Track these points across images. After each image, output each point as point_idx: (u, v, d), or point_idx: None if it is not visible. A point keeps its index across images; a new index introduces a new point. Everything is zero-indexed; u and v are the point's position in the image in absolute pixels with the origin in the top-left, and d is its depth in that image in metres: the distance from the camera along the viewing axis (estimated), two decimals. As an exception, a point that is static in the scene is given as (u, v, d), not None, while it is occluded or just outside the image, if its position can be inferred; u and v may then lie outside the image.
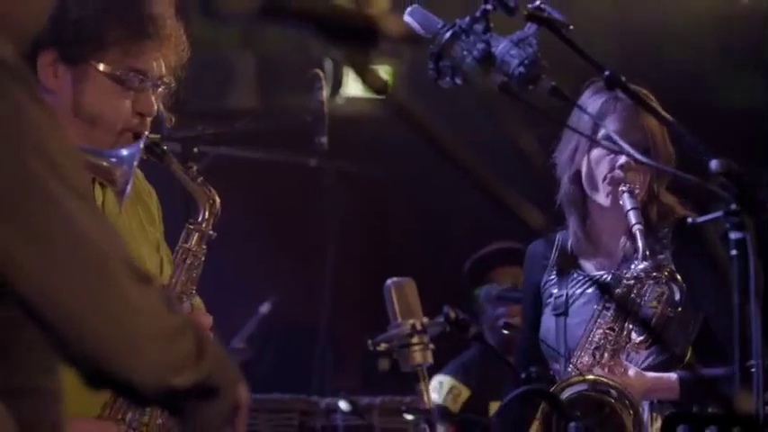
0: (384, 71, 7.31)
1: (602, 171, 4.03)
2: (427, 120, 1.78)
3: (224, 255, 3.94)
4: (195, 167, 3.46)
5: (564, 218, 4.19)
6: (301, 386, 6.80)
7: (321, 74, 5.98)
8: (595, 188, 4.05)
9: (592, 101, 3.97)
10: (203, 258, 3.39)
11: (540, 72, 3.21)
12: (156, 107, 3.29)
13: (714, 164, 3.16)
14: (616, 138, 3.77)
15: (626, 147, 3.64)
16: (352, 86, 7.80)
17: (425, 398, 3.49)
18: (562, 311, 4.10)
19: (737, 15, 7.75)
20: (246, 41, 8.66)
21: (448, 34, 3.24)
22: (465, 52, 3.22)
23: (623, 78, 3.28)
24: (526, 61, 3.19)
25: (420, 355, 3.45)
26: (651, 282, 3.89)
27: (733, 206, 3.14)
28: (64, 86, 3.22)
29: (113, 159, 3.20)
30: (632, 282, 3.87)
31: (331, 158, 6.93)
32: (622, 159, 3.98)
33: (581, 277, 4.11)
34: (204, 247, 3.40)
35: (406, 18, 3.25)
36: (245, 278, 7.68)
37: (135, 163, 3.21)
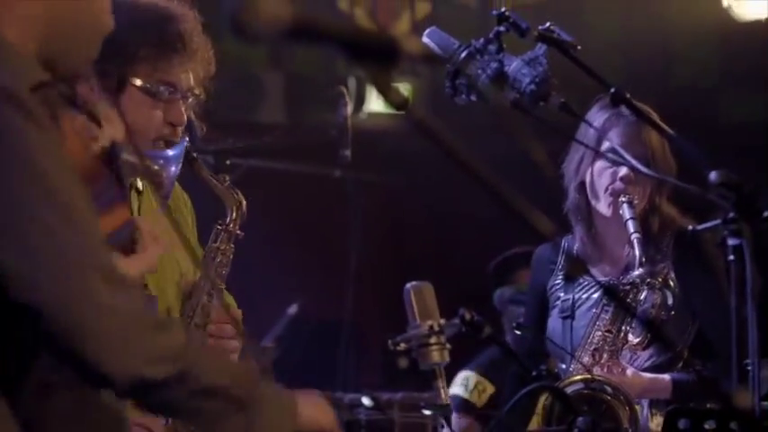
0: (404, 88, 7.32)
1: (603, 182, 4.03)
2: (444, 133, 1.79)
3: (255, 260, 3.96)
4: (226, 178, 3.47)
5: (570, 225, 4.19)
6: (326, 383, 6.79)
7: (345, 91, 6.00)
8: (598, 198, 4.05)
9: (598, 116, 3.97)
10: (231, 256, 3.40)
11: (550, 89, 3.21)
12: (185, 117, 3.29)
13: (713, 175, 3.16)
14: (620, 150, 3.79)
15: (628, 158, 3.66)
16: (375, 103, 7.81)
17: (442, 394, 3.49)
18: (569, 314, 4.10)
19: (738, 34, 7.74)
20: (275, 60, 8.67)
21: (463, 54, 3.25)
22: (480, 71, 3.23)
23: (628, 95, 3.29)
24: (537, 79, 3.20)
25: (437, 354, 3.45)
26: (646, 287, 3.90)
27: (731, 215, 3.14)
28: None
29: (161, 161, 3.21)
30: (628, 287, 3.88)
31: (354, 170, 6.93)
32: (623, 171, 3.99)
33: (586, 282, 4.11)
34: (232, 245, 3.40)
35: (425, 39, 3.26)
36: (274, 282, 7.69)
37: (179, 164, 3.22)
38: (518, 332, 4.15)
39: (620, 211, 3.94)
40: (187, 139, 3.30)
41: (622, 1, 8.73)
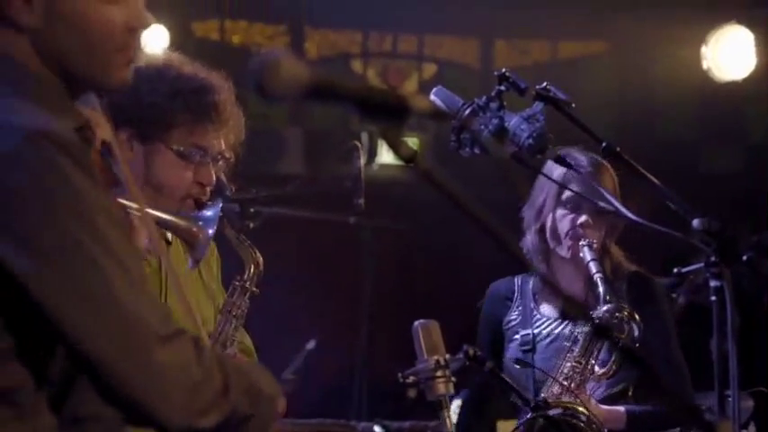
0: (413, 142, 7.32)
1: (564, 227, 4.03)
2: (450, 183, 1.78)
3: (277, 299, 3.95)
4: (251, 225, 3.46)
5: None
6: (341, 412, 6.77)
7: (359, 145, 5.99)
8: (558, 241, 4.05)
9: (555, 168, 3.95)
10: (246, 311, 3.37)
11: (547, 143, 3.21)
12: (214, 178, 3.29)
13: (696, 222, 3.15)
14: (583, 195, 3.82)
15: (597, 201, 3.68)
16: (386, 155, 7.80)
17: (447, 423, 3.47)
18: (530, 348, 4.08)
19: (717, 93, 7.74)
20: (295, 117, 8.70)
21: (467, 111, 3.25)
22: (482, 126, 3.23)
23: (618, 148, 3.28)
24: (534, 134, 3.19)
25: (443, 386, 3.43)
26: (615, 321, 3.88)
27: (712, 259, 3.13)
28: (137, 159, 3.22)
29: (200, 222, 3.20)
30: (598, 323, 3.86)
31: (367, 217, 6.92)
32: (582, 218, 4.01)
33: (544, 318, 4.11)
34: (247, 301, 3.38)
35: (432, 97, 3.26)
36: (294, 319, 7.67)
37: (215, 225, 3.21)
38: (517, 366, 4.11)
39: (581, 254, 3.95)
40: (220, 201, 3.29)
41: (613, 64, 8.76)
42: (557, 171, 3.95)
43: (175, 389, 2.09)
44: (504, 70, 3.29)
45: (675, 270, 3.91)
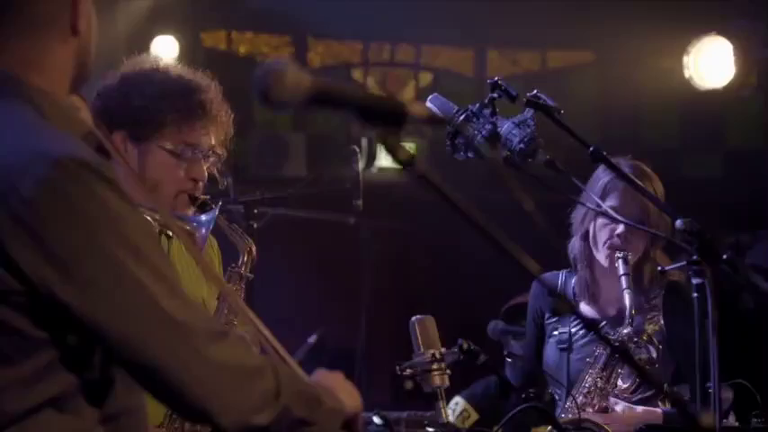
0: (409, 147, 7.32)
1: (603, 236, 4.00)
2: (445, 185, 1.77)
3: (280, 294, 3.94)
4: (255, 225, 3.46)
5: (556, 265, 4.16)
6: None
7: (358, 149, 5.99)
8: (598, 249, 4.02)
9: (604, 174, 3.93)
10: (242, 295, 3.36)
11: (537, 148, 3.20)
12: (206, 174, 3.29)
13: (679, 223, 3.15)
14: (612, 213, 3.77)
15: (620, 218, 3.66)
16: (384, 159, 7.80)
17: (443, 413, 3.46)
18: (566, 347, 4.03)
19: (697, 101, 7.73)
20: (298, 123, 8.69)
21: (461, 117, 3.24)
22: (475, 132, 3.22)
23: (604, 153, 3.28)
24: (525, 139, 3.19)
25: (439, 378, 3.42)
26: (633, 345, 3.85)
27: (695, 257, 3.13)
28: (131, 160, 3.22)
29: (194, 224, 3.20)
30: (617, 344, 3.81)
31: (366, 217, 6.91)
32: (620, 229, 3.95)
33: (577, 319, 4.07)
34: (243, 286, 3.38)
35: (428, 104, 3.25)
36: (296, 314, 7.66)
37: (211, 227, 3.21)
38: (509, 359, 4.09)
39: (616, 265, 3.90)
40: (219, 206, 3.28)
41: (598, 73, 8.75)
42: (603, 179, 3.94)
43: (231, 385, 2.07)
44: (496, 79, 3.29)
45: (660, 268, 3.89)
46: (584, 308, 4.08)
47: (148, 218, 3.04)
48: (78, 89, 2.24)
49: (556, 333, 4.08)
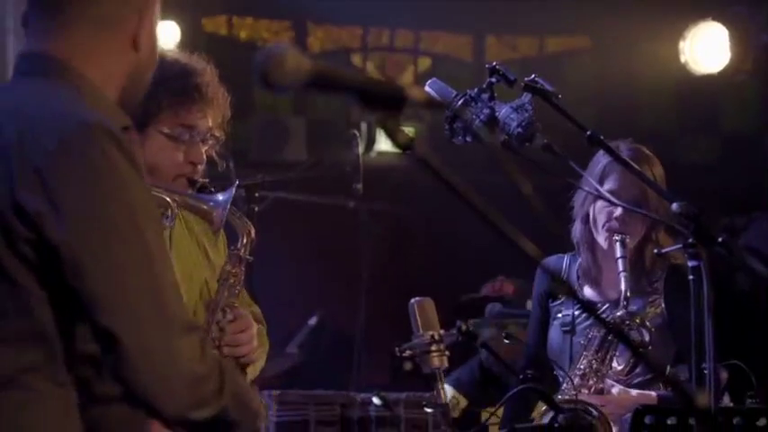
0: (408, 131, 7.31)
1: (601, 219, 3.98)
2: (443, 169, 1.77)
3: (281, 277, 3.94)
4: (256, 208, 3.45)
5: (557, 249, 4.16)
6: (342, 383, 6.75)
7: (357, 133, 5.98)
8: (598, 232, 4.01)
9: (603, 157, 3.92)
10: (242, 277, 3.36)
11: (535, 132, 3.20)
12: (204, 157, 3.28)
13: (675, 206, 3.14)
14: (608, 196, 3.77)
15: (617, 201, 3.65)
16: (383, 143, 7.80)
17: (441, 394, 3.47)
18: (569, 329, 4.01)
19: (693, 86, 7.73)
20: (298, 107, 8.68)
21: (460, 101, 3.24)
22: (474, 116, 3.21)
23: (601, 137, 3.27)
24: (523, 123, 3.18)
25: (437, 360, 3.42)
26: (626, 328, 3.84)
27: (690, 240, 3.12)
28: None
29: (211, 203, 3.20)
30: (611, 326, 3.79)
31: (365, 200, 6.91)
32: (618, 212, 3.93)
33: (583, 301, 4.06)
34: (243, 269, 3.37)
35: (427, 89, 3.24)
36: (297, 296, 7.67)
37: (228, 207, 3.21)
38: (507, 341, 4.09)
39: (615, 247, 3.89)
40: (235, 186, 3.28)
41: (595, 58, 8.74)
42: (602, 162, 3.93)
43: (180, 379, 2.10)
44: (494, 63, 3.28)
45: (655, 251, 3.88)
46: (587, 291, 4.07)
47: (167, 198, 3.07)
48: (126, 104, 2.31)
49: (560, 316, 4.06)
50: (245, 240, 3.36)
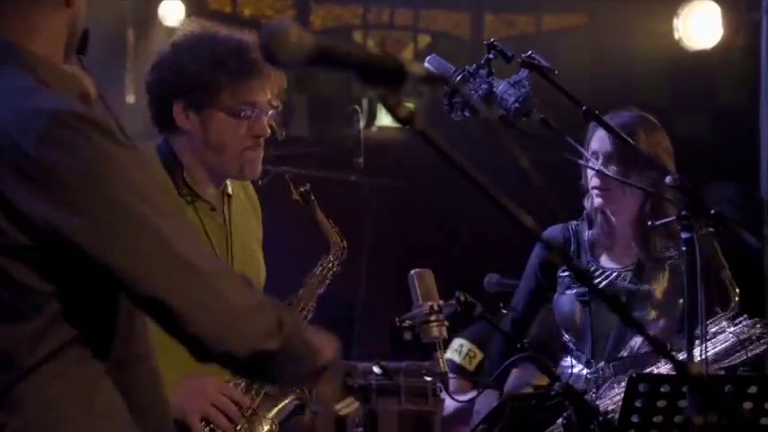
0: (409, 106, 7.29)
1: (591, 184, 4.03)
2: (443, 143, 1.77)
3: (283, 251, 3.95)
4: (260, 182, 3.46)
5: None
6: (343, 353, 6.77)
7: (359, 108, 5.98)
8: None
9: (594, 126, 3.93)
10: (327, 282, 3.39)
11: (532, 107, 3.20)
12: (267, 129, 3.29)
13: (668, 179, 3.15)
14: (591, 159, 3.78)
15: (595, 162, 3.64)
16: (384, 118, 7.78)
17: (441, 363, 3.48)
18: (586, 300, 4.00)
19: (686, 62, 7.71)
20: (301, 83, 8.66)
21: (459, 77, 3.24)
22: (472, 91, 3.22)
23: (597, 112, 3.28)
24: (520, 98, 3.18)
25: (437, 329, 3.43)
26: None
27: (683, 212, 3.13)
28: (195, 127, 3.20)
29: None
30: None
31: (366, 174, 6.91)
32: (591, 173, 3.99)
33: (599, 270, 4.05)
34: (329, 278, 3.57)
35: (426, 65, 3.24)
36: (299, 269, 7.67)
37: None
38: (504, 311, 4.09)
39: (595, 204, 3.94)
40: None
41: (591, 35, 8.72)
42: (597, 131, 3.95)
43: (240, 315, 2.08)
44: (492, 40, 3.28)
45: (650, 224, 3.88)
46: (604, 260, 4.08)
47: None
48: (70, 55, 2.25)
49: (574, 286, 4.04)
50: (336, 255, 3.41)
